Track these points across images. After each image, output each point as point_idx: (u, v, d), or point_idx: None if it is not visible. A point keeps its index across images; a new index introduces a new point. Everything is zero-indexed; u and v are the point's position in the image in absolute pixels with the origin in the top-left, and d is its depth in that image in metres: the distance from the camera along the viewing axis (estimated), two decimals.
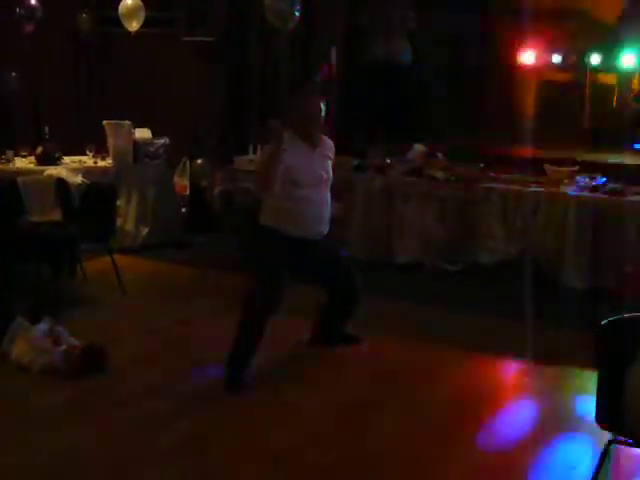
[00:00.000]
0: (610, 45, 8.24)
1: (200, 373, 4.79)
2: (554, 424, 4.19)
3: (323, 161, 4.87)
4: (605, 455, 3.14)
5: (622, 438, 3.08)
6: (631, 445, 3.08)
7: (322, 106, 4.78)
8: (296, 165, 4.65)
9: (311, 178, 4.77)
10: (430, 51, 9.16)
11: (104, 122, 7.80)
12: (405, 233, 6.89)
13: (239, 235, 7.07)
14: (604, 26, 8.38)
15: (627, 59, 8.20)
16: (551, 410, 4.41)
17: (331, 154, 4.95)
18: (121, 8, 8.34)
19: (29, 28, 8.23)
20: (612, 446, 3.14)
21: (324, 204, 4.83)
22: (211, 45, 8.68)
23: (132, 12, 8.30)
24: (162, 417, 4.19)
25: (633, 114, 8.50)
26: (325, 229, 4.85)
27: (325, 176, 4.83)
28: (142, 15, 8.33)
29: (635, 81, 8.54)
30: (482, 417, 4.26)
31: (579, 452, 3.81)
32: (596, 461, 3.19)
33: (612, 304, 5.13)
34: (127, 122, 7.80)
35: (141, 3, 8.33)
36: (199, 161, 7.78)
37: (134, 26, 8.34)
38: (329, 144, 4.97)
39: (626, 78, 8.43)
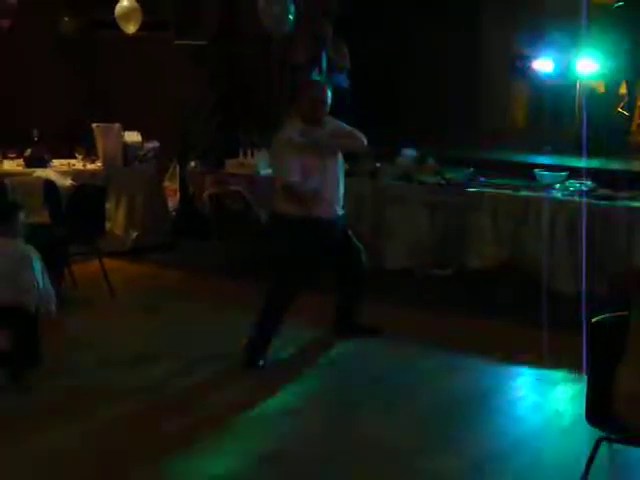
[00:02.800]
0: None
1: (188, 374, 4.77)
2: (546, 424, 4.18)
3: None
4: (595, 452, 3.13)
5: (612, 435, 3.08)
6: (620, 442, 3.07)
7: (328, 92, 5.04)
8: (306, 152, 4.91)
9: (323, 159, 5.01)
10: (419, 57, 9.18)
11: (93, 125, 7.78)
12: (395, 238, 6.85)
13: (229, 239, 7.07)
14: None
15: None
16: (542, 410, 4.40)
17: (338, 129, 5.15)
18: (117, 10, 8.29)
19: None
20: (602, 443, 3.13)
21: (336, 182, 5.15)
22: (202, 48, 8.67)
23: (129, 14, 8.23)
24: (147, 416, 4.16)
25: (620, 121, 8.52)
26: (340, 208, 5.19)
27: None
28: (139, 17, 8.26)
29: (623, 89, 8.57)
30: (474, 418, 4.25)
31: (570, 450, 3.78)
32: (587, 459, 3.18)
33: (601, 308, 5.13)
34: (117, 125, 7.78)
35: (137, 5, 8.27)
36: (192, 164, 7.74)
37: (131, 29, 8.27)
38: (333, 123, 5.13)
39: (614, 85, 8.45)
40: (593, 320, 3.19)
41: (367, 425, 4.15)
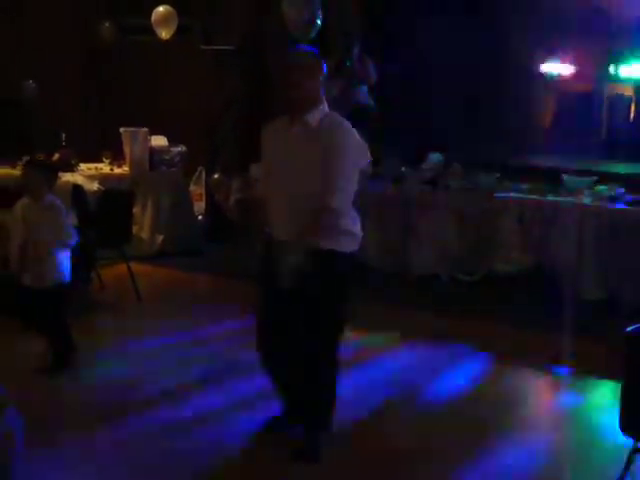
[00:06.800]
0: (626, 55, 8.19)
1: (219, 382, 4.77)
2: (577, 433, 4.15)
3: (302, 147, 3.57)
4: (629, 463, 3.11)
5: None
6: None
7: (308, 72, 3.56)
8: (266, 149, 3.75)
9: (277, 165, 3.68)
10: (445, 61, 9.16)
11: (121, 129, 7.83)
12: (421, 244, 6.85)
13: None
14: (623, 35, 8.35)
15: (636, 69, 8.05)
16: (573, 419, 4.37)
17: (329, 146, 3.50)
18: (154, 16, 8.34)
19: None
20: (636, 454, 3.10)
21: (293, 209, 3.56)
22: (229, 54, 8.70)
23: (166, 19, 8.27)
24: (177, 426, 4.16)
25: None
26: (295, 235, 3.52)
27: (301, 167, 3.54)
28: (175, 22, 8.30)
29: None
30: (503, 427, 4.21)
31: (603, 460, 3.75)
32: (620, 469, 3.15)
33: (629, 315, 5.10)
34: (144, 129, 7.83)
35: (173, 10, 8.31)
36: (216, 176, 7.76)
37: (165, 34, 8.31)
38: (328, 131, 3.53)
39: None
40: (627, 330, 3.15)
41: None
